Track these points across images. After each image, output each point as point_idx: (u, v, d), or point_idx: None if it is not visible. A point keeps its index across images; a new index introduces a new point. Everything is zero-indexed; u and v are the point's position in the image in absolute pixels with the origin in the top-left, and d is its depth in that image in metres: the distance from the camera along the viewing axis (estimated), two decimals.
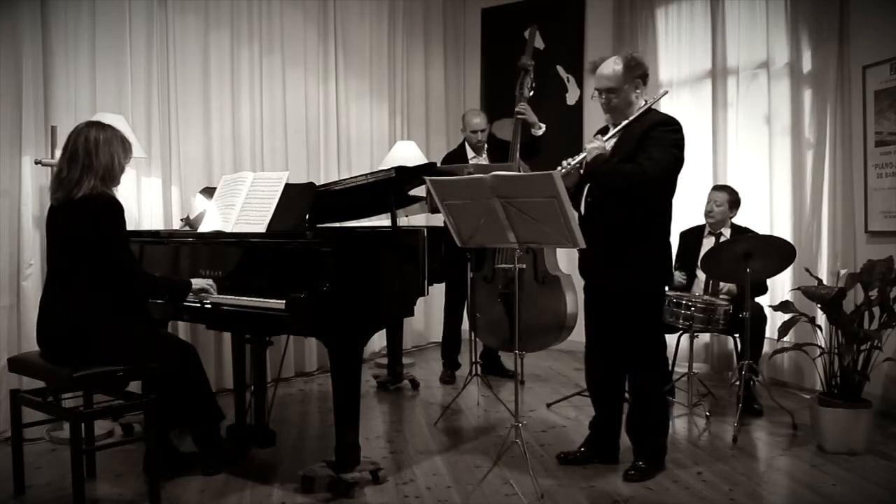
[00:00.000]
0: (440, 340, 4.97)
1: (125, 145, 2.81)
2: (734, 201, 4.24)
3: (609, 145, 2.92)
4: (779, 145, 4.66)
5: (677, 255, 4.44)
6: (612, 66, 2.93)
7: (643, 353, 3.00)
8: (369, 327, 2.95)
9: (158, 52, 4.13)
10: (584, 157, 2.88)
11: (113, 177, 2.76)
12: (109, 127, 2.80)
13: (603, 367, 3.11)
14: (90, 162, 2.69)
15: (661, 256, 3.02)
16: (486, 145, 4.74)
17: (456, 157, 4.77)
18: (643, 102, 2.96)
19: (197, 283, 2.91)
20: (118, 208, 2.70)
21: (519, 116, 4.44)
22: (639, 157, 2.82)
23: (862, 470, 3.13)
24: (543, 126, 4.50)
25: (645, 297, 2.96)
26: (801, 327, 3.79)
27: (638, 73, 2.94)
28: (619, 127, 2.93)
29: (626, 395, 3.11)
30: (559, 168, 2.77)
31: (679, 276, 4.18)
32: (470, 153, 4.75)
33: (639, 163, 2.80)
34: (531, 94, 4.49)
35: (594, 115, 5.18)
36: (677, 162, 2.87)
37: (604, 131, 3.07)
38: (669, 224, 3.03)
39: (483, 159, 4.69)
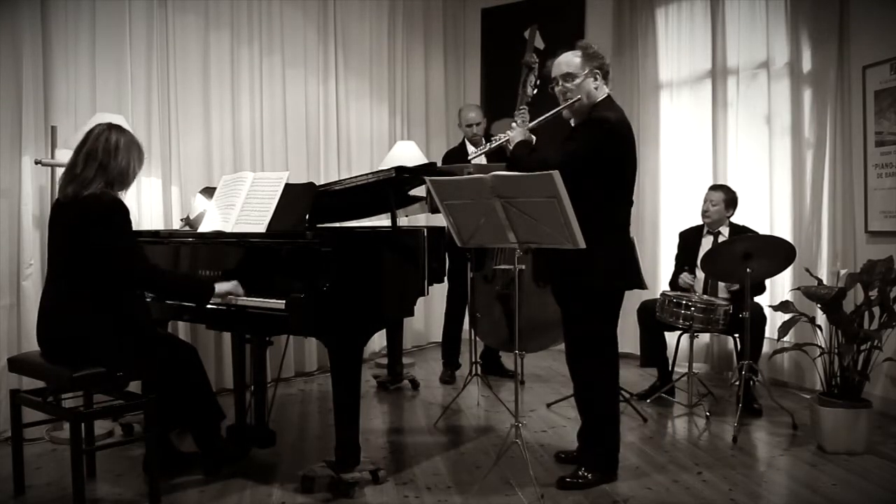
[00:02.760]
0: (440, 340, 4.97)
1: (140, 153, 2.82)
2: (731, 201, 4.24)
3: (527, 132, 2.92)
4: (779, 145, 4.66)
5: (677, 255, 4.45)
6: (570, 56, 2.90)
7: (588, 342, 2.89)
8: (369, 327, 2.96)
9: (158, 52, 4.13)
10: (504, 141, 2.90)
11: (124, 182, 2.77)
12: (128, 132, 2.82)
13: None
14: (108, 163, 2.69)
15: (612, 257, 2.86)
16: (483, 140, 4.73)
17: (456, 153, 4.77)
18: (603, 95, 2.89)
19: (222, 287, 2.84)
20: (122, 209, 2.69)
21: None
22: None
23: (862, 470, 3.13)
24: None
25: (590, 295, 2.86)
26: (801, 327, 3.79)
27: (596, 63, 2.88)
28: (544, 116, 2.93)
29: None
30: (475, 151, 2.87)
31: (686, 278, 4.18)
32: (470, 149, 4.75)
33: (554, 152, 2.77)
34: (535, 91, 4.48)
35: None
36: (585, 158, 2.75)
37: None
38: (620, 226, 2.92)
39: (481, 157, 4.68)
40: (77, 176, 2.69)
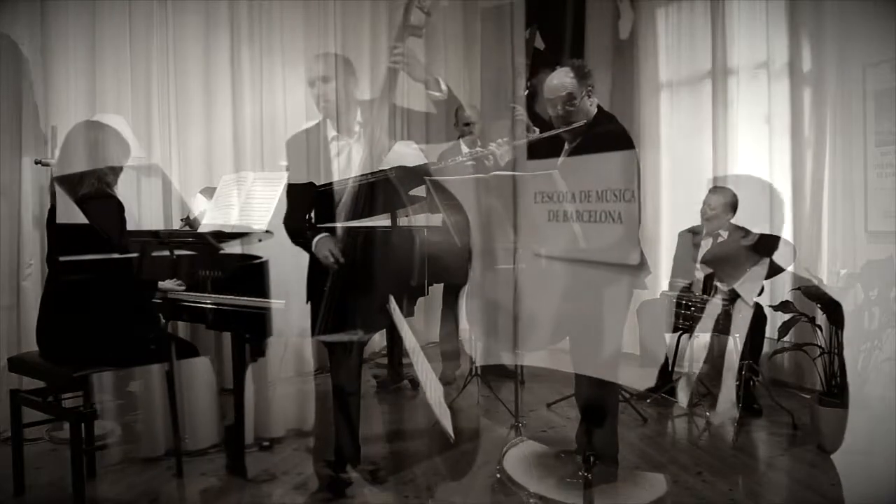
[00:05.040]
0: (439, 340, 4.97)
1: (123, 147, 2.83)
2: (730, 205, 4.22)
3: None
4: (779, 145, 4.66)
5: (675, 256, 4.45)
6: (564, 76, 2.85)
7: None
8: (369, 328, 2.95)
9: (158, 52, 4.12)
10: (488, 153, 2.90)
11: (113, 177, 2.77)
12: (109, 128, 2.83)
13: None
14: (93, 159, 2.70)
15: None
16: (478, 141, 4.73)
17: (449, 154, 4.77)
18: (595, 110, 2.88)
19: (163, 286, 2.97)
20: (119, 207, 2.71)
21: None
22: None
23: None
24: (537, 129, 4.49)
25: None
26: (801, 327, 3.79)
27: (589, 81, 2.86)
28: (543, 135, 2.91)
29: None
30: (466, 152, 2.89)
31: (674, 282, 4.20)
32: (463, 148, 4.74)
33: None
34: (526, 92, 4.47)
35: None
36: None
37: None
38: None
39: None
40: (66, 177, 2.70)
